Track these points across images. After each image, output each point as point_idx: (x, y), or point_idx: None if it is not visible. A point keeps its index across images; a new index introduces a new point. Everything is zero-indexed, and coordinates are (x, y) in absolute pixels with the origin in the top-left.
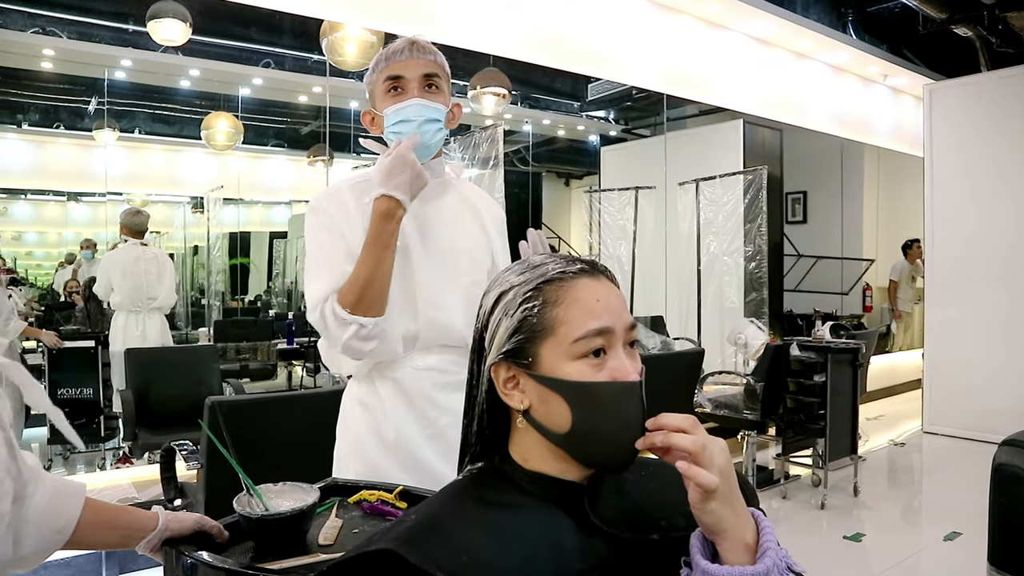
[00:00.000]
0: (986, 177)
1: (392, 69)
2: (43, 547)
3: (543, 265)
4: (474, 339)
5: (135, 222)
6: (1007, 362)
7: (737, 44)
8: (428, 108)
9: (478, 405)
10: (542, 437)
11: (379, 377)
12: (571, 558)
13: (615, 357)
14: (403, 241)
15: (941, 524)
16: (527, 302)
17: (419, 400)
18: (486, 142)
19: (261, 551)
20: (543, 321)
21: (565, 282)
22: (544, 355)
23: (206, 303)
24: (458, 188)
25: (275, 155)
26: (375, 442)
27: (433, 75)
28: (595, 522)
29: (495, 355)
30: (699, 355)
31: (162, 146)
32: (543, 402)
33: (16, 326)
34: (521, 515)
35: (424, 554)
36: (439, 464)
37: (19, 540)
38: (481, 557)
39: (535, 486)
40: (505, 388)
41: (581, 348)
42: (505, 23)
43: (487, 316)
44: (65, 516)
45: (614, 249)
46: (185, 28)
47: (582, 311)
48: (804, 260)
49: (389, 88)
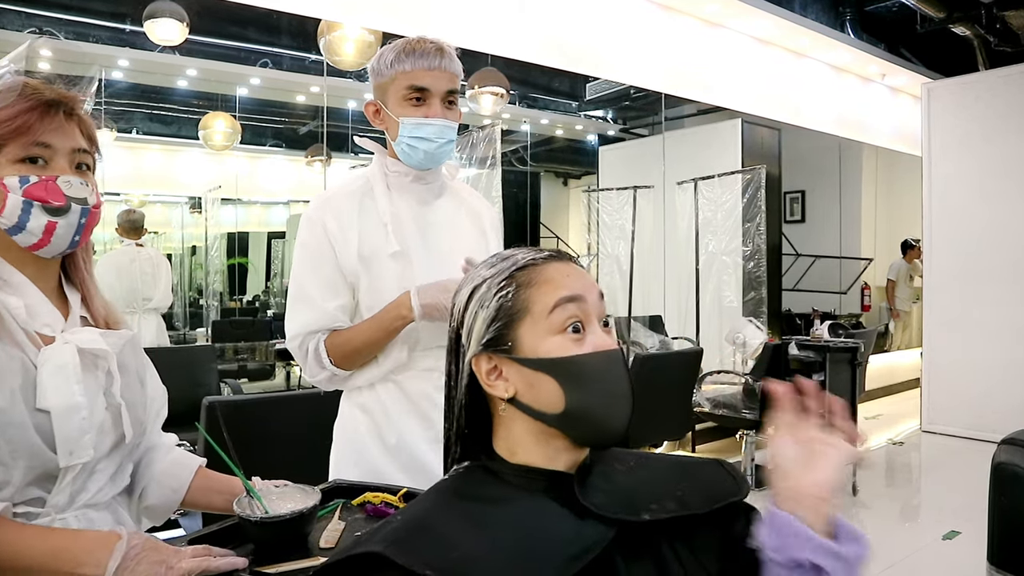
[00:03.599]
0: (985, 176)
1: (418, 78)
2: (164, 503)
3: (512, 256)
4: (449, 339)
5: (130, 221)
6: (1006, 361)
7: (735, 43)
8: (449, 129)
9: (457, 404)
10: (529, 426)
11: (380, 381)
12: (564, 544)
13: (593, 332)
14: (404, 244)
15: (940, 523)
16: (501, 290)
17: (421, 402)
18: (484, 142)
19: (261, 554)
20: (518, 303)
21: (536, 266)
22: (524, 336)
23: (204, 303)
24: (454, 190)
25: (273, 155)
26: (376, 445)
27: (454, 91)
28: (585, 506)
29: (475, 348)
30: (698, 354)
31: (160, 146)
32: (530, 386)
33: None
34: (510, 508)
35: (413, 555)
36: (440, 466)
37: (145, 494)
38: (472, 552)
39: (522, 479)
40: (488, 379)
41: (558, 320)
42: (503, 22)
43: (462, 313)
44: (180, 479)
45: (612, 249)
46: (182, 28)
47: (554, 286)
48: (802, 259)
49: (410, 96)
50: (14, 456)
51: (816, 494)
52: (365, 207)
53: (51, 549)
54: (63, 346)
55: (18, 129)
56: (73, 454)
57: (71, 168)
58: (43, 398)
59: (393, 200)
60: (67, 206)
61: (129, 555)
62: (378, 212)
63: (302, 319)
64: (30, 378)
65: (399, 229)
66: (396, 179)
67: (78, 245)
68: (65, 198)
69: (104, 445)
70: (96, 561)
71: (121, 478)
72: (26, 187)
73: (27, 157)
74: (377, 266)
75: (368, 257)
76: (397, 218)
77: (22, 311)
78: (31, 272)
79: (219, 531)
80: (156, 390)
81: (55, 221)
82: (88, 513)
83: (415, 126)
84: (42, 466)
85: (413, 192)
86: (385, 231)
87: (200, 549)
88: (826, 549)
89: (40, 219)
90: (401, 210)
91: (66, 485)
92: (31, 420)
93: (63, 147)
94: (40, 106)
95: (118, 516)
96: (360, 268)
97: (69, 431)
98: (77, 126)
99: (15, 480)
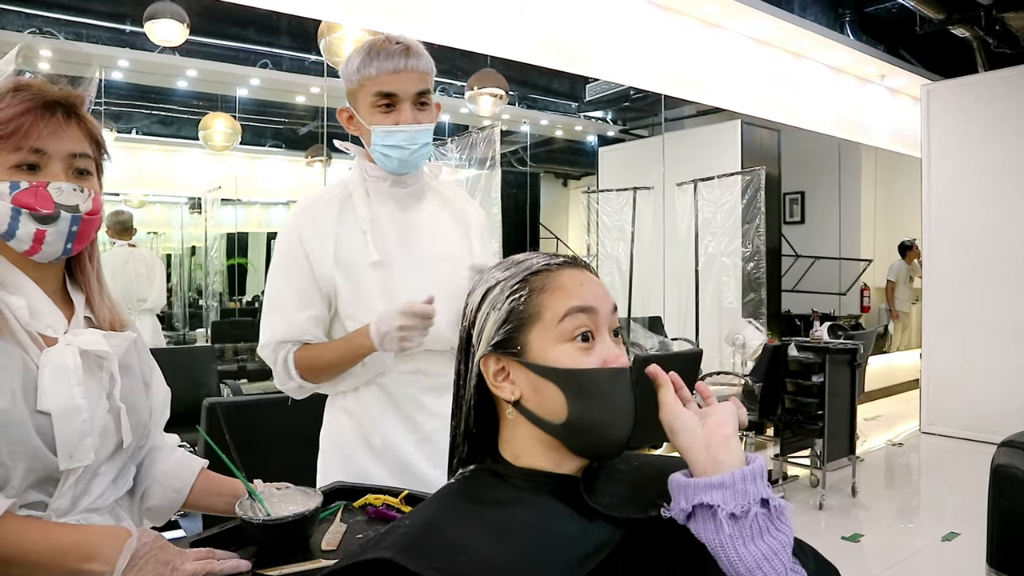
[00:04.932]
0: (984, 177)
1: (384, 83)
2: (166, 504)
3: (527, 260)
4: (461, 338)
5: (120, 223)
6: (1005, 362)
7: (735, 44)
8: (422, 133)
9: (465, 404)
10: (534, 430)
11: (364, 384)
12: (573, 546)
13: (603, 343)
14: (384, 252)
15: (939, 524)
16: (514, 293)
17: (406, 404)
18: (483, 143)
19: (263, 556)
20: (530, 308)
21: (551, 272)
22: (533, 341)
23: (204, 304)
24: (437, 190)
25: (273, 155)
26: (362, 449)
27: (425, 92)
28: (593, 506)
29: (484, 348)
30: (697, 356)
31: (159, 147)
32: (535, 391)
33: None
34: (518, 511)
35: (422, 560)
36: (428, 469)
37: (147, 495)
38: (480, 556)
39: (529, 482)
40: (495, 380)
41: (568, 328)
42: (503, 23)
43: (474, 313)
44: (183, 480)
45: (612, 250)
46: (182, 28)
47: (566, 294)
48: (802, 260)
49: (379, 103)
50: (14, 457)
51: (721, 432)
52: (345, 214)
53: (58, 544)
54: (65, 348)
55: (12, 133)
56: (73, 457)
57: (67, 174)
58: (44, 400)
59: (373, 206)
60: (56, 214)
61: (138, 553)
62: (358, 219)
63: (272, 328)
64: (31, 379)
65: (379, 236)
66: (375, 184)
67: (72, 252)
68: (54, 206)
69: (106, 448)
70: (106, 557)
71: (124, 481)
72: (15, 193)
73: (20, 163)
74: (358, 274)
75: (348, 265)
76: (377, 225)
77: (25, 312)
78: (34, 273)
79: (221, 533)
80: (160, 391)
81: (44, 229)
82: (90, 517)
83: (387, 134)
84: (43, 468)
85: (393, 197)
86: (365, 239)
87: (203, 552)
88: (704, 486)
89: (29, 227)
90: (381, 216)
91: (68, 488)
92: (32, 421)
93: (59, 152)
94: (37, 108)
95: (119, 519)
96: (338, 277)
97: (69, 433)
98: (78, 127)
99: (15, 482)
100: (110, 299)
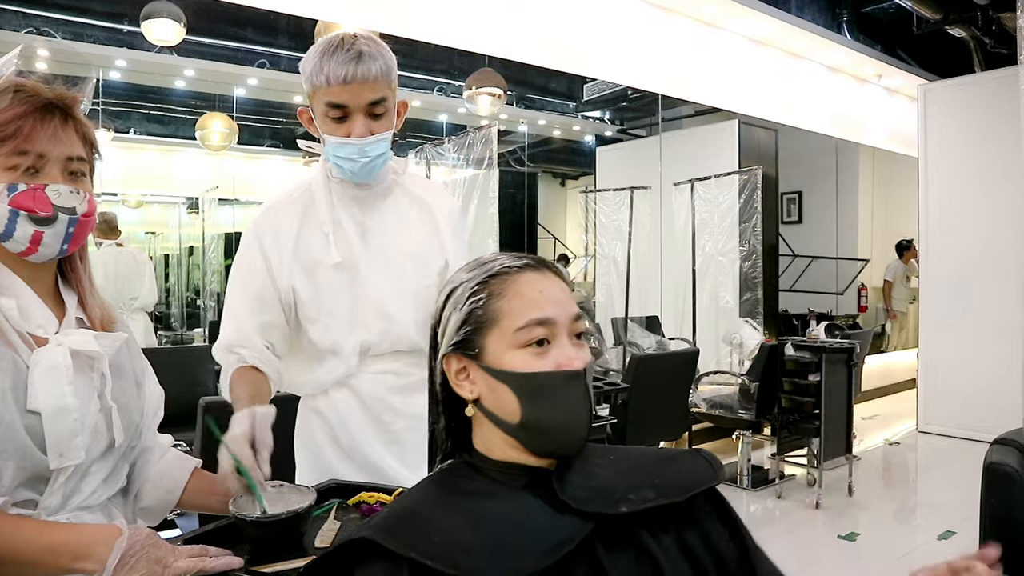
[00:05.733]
0: (980, 177)
1: (334, 95)
2: (160, 504)
3: (491, 261)
4: (431, 336)
5: (104, 221)
6: (1001, 361)
7: (732, 44)
8: (375, 144)
9: (440, 401)
10: (495, 427)
11: (333, 384)
12: (543, 536)
13: (559, 346)
14: (348, 254)
15: (935, 523)
16: (474, 296)
17: (374, 404)
18: (481, 142)
19: (257, 553)
20: (488, 313)
21: (510, 276)
22: (490, 346)
23: (201, 303)
24: (404, 186)
25: (270, 155)
26: (331, 448)
27: (379, 101)
28: (565, 500)
29: (446, 347)
30: (694, 355)
31: (157, 146)
32: (492, 391)
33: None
34: (492, 501)
35: (400, 540)
36: (397, 468)
37: (141, 495)
38: (453, 538)
39: (503, 474)
40: (457, 379)
41: (523, 337)
42: (501, 23)
43: (439, 312)
44: (176, 480)
45: (609, 249)
46: (179, 28)
47: (524, 303)
48: (799, 260)
49: (330, 114)
50: (3, 456)
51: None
52: (308, 215)
53: (49, 543)
54: (55, 348)
55: (11, 135)
56: (64, 456)
57: (63, 176)
58: (34, 399)
59: (335, 207)
60: (54, 216)
61: (129, 551)
62: (320, 221)
63: (224, 332)
64: (21, 379)
65: (342, 237)
66: (337, 184)
67: (67, 253)
68: (52, 208)
69: (97, 447)
70: (96, 556)
71: (115, 480)
72: (13, 195)
73: (20, 167)
74: (319, 276)
75: (310, 268)
76: (340, 226)
77: (15, 312)
78: (25, 274)
79: (215, 530)
80: (153, 392)
81: (41, 231)
82: (82, 515)
83: (338, 145)
84: (32, 467)
85: (355, 197)
86: (327, 241)
87: (196, 549)
88: None
89: (26, 228)
90: (344, 218)
91: (58, 487)
92: (21, 421)
93: (56, 155)
94: (36, 111)
95: (112, 517)
96: (299, 280)
97: (60, 433)
98: (74, 129)
99: (5, 480)
100: (101, 298)
